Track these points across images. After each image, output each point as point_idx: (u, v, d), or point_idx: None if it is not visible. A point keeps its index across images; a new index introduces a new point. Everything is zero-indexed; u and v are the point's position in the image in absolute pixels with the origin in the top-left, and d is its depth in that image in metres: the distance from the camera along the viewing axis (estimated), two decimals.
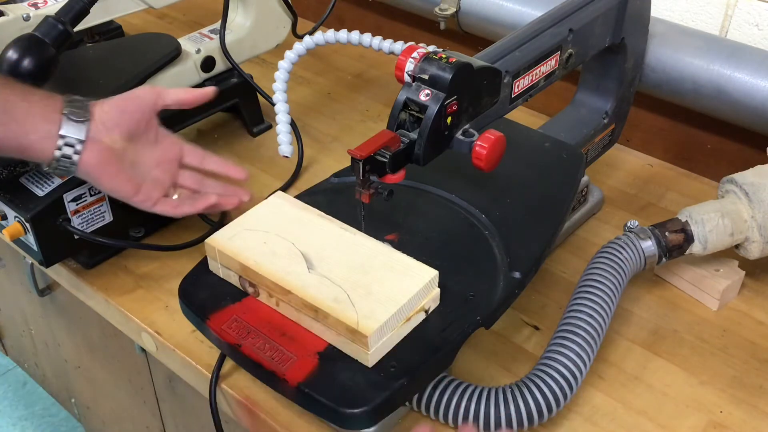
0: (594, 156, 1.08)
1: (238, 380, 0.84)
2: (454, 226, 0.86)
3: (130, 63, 1.06)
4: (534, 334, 0.90)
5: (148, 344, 0.94)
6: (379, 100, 1.34)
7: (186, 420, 1.13)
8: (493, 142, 0.74)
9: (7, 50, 0.88)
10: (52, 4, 1.01)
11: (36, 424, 1.88)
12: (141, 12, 1.10)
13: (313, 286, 0.73)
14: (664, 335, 0.90)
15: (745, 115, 1.03)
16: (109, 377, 1.30)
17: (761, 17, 1.06)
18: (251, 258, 0.76)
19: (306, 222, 0.81)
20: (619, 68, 1.02)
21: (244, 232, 0.80)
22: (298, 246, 0.77)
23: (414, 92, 0.73)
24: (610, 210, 1.09)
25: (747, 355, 0.88)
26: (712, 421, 0.81)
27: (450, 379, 0.77)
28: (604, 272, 0.84)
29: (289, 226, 0.80)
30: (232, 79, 1.18)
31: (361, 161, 0.71)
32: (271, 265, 0.75)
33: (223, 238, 0.79)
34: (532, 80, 0.84)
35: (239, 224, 0.81)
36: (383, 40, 1.08)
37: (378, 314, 0.69)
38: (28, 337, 1.56)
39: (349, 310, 0.70)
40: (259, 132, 1.24)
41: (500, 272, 0.79)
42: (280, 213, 0.83)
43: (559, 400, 0.76)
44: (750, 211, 0.89)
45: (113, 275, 0.99)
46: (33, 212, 0.89)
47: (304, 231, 0.80)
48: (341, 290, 0.72)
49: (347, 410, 0.67)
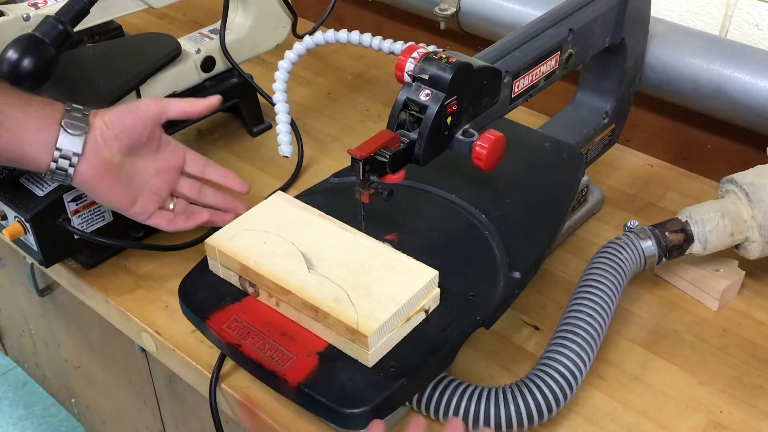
0: (594, 156, 1.08)
1: (238, 380, 0.84)
2: (454, 226, 0.86)
3: (130, 63, 1.06)
4: (534, 334, 0.90)
5: (148, 344, 0.94)
6: (379, 100, 1.34)
7: (186, 420, 1.13)
8: (493, 142, 0.74)
9: (7, 50, 0.88)
10: (52, 4, 1.01)
11: (36, 424, 1.88)
12: (141, 12, 1.10)
13: (313, 286, 0.73)
14: (664, 335, 0.90)
15: (745, 115, 1.03)
16: (109, 377, 1.30)
17: (761, 17, 1.06)
18: (251, 258, 0.76)
19: (306, 222, 0.81)
20: (619, 68, 1.02)
21: (244, 232, 0.80)
22: (298, 246, 0.77)
23: (414, 92, 0.73)
24: (610, 210, 1.09)
25: (747, 355, 0.88)
26: (712, 421, 0.81)
27: (450, 379, 0.78)
28: (604, 272, 0.84)
29: (289, 226, 0.80)
30: (232, 79, 1.18)
31: (361, 161, 0.71)
32: (271, 265, 0.75)
33: (223, 238, 0.79)
34: (532, 80, 0.84)
35: (239, 224, 0.81)
36: (383, 40, 1.08)
37: (378, 314, 0.69)
38: (28, 337, 1.56)
39: (349, 310, 0.70)
40: (259, 132, 1.24)
41: (500, 272, 0.79)
42: (280, 213, 0.83)
43: (559, 400, 0.76)
44: (750, 211, 0.89)
45: (113, 275, 0.99)
46: (33, 212, 0.89)
47: (304, 231, 0.80)
48: (341, 290, 0.72)
49: (347, 410, 0.67)
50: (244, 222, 0.82)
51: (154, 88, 1.08)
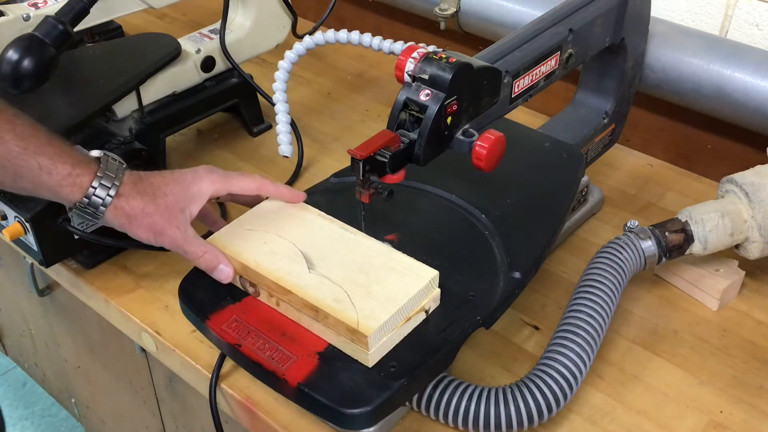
0: (594, 156, 1.08)
1: (238, 380, 0.84)
2: (454, 226, 0.86)
3: (130, 63, 1.06)
4: (534, 334, 0.90)
5: (148, 344, 0.94)
6: (379, 100, 1.34)
7: (186, 420, 1.13)
8: (493, 142, 0.74)
9: (7, 50, 0.88)
10: (52, 4, 1.02)
11: (36, 424, 1.88)
12: (141, 12, 1.10)
13: (314, 286, 0.73)
14: (664, 335, 0.90)
15: (745, 115, 1.03)
16: (109, 377, 1.30)
17: (761, 17, 1.06)
18: (252, 258, 0.76)
19: (306, 222, 0.81)
20: (619, 68, 1.02)
21: (244, 232, 0.80)
22: (298, 246, 0.77)
23: (414, 92, 0.73)
24: (610, 210, 1.09)
25: (747, 355, 0.88)
26: (712, 421, 0.81)
27: (450, 379, 0.77)
28: (604, 272, 0.84)
29: (289, 226, 0.80)
30: (232, 79, 1.18)
31: (361, 161, 0.71)
32: (272, 265, 0.75)
33: (223, 238, 0.79)
34: (532, 80, 0.84)
35: (239, 224, 0.81)
36: (383, 40, 1.08)
37: (378, 314, 0.69)
38: (28, 337, 1.56)
39: (349, 310, 0.70)
40: (259, 132, 1.24)
41: (500, 272, 0.79)
42: (280, 213, 0.82)
43: (559, 400, 0.76)
44: (750, 211, 0.89)
45: (113, 275, 0.99)
46: (33, 212, 0.89)
47: (304, 231, 0.80)
48: (341, 290, 0.72)
49: (347, 410, 0.67)
50: (244, 222, 0.81)
51: (154, 88, 1.08)
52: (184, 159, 1.19)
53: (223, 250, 0.78)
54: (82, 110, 0.98)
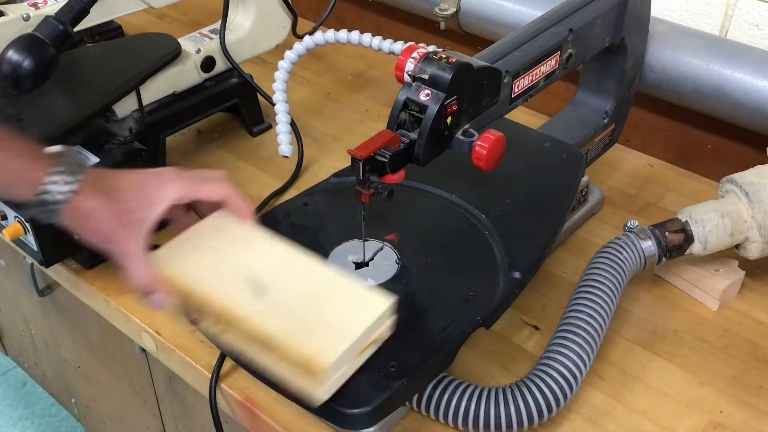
0: (594, 156, 1.08)
1: (238, 380, 0.84)
2: (454, 226, 0.86)
3: (130, 63, 1.06)
4: (534, 334, 0.90)
5: (148, 344, 0.94)
6: (379, 100, 1.34)
7: (186, 420, 1.13)
8: (493, 142, 0.74)
9: (7, 50, 0.88)
10: (52, 4, 1.02)
11: (36, 424, 1.88)
12: (141, 12, 1.10)
13: (262, 315, 0.66)
14: (663, 335, 0.90)
15: (745, 115, 1.03)
16: (109, 377, 1.30)
17: (761, 17, 1.06)
18: (196, 282, 0.68)
19: (257, 244, 0.73)
20: (619, 68, 1.02)
21: (189, 252, 0.72)
22: (246, 271, 0.70)
23: (414, 92, 0.73)
24: (610, 210, 1.09)
25: (747, 355, 0.88)
26: (712, 421, 0.81)
27: (450, 379, 0.77)
28: (604, 272, 0.84)
29: (234, 247, 0.72)
30: (232, 79, 1.18)
31: (361, 161, 0.71)
32: (217, 291, 0.68)
33: (166, 257, 0.70)
34: (532, 80, 0.84)
35: (184, 241, 0.73)
36: (383, 40, 1.08)
37: (330, 349, 0.63)
38: (28, 337, 1.56)
39: (301, 342, 0.63)
40: (259, 132, 1.24)
41: (500, 272, 0.79)
42: (224, 233, 0.74)
43: (559, 400, 0.76)
44: (750, 211, 0.89)
45: (113, 275, 0.98)
46: None
47: (251, 254, 0.72)
48: (291, 321, 0.65)
49: (347, 410, 0.67)
50: (190, 239, 0.73)
51: (154, 88, 1.08)
52: (184, 159, 1.19)
53: (166, 270, 0.70)
54: (82, 110, 0.98)
